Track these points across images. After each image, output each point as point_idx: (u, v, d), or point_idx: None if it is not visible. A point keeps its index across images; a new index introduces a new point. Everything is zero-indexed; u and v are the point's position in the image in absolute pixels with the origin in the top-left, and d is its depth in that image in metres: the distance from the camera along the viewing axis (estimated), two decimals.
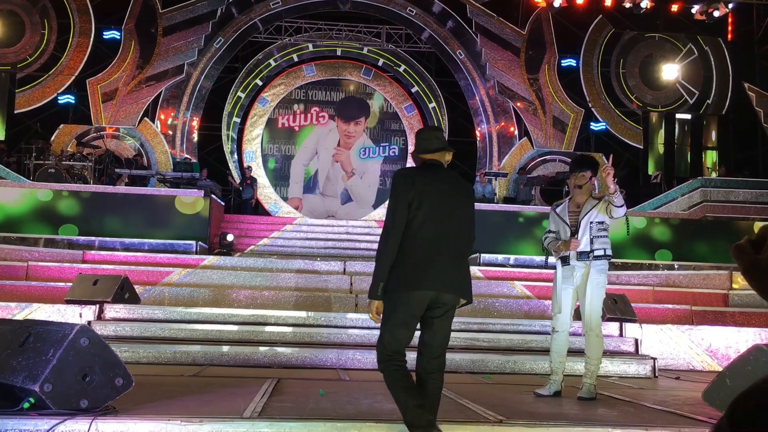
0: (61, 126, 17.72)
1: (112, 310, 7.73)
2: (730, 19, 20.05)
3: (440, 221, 3.47)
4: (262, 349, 7.06)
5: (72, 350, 3.59)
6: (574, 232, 5.26)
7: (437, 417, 3.47)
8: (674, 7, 19.14)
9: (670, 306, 9.79)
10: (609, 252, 5.24)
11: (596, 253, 5.20)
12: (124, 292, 8.04)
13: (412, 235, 3.44)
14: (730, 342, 8.02)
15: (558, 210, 5.48)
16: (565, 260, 5.31)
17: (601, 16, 19.74)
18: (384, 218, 3.58)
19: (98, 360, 3.68)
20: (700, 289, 10.73)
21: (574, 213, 5.35)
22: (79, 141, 16.71)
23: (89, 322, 7.39)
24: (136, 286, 8.63)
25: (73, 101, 18.11)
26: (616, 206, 5.09)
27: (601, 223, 5.23)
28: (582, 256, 5.21)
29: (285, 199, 20.37)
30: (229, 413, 3.80)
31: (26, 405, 3.48)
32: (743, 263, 1.15)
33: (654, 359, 7.25)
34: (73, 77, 17.95)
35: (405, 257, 3.43)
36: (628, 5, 18.19)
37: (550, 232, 5.48)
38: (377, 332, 3.60)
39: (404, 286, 3.39)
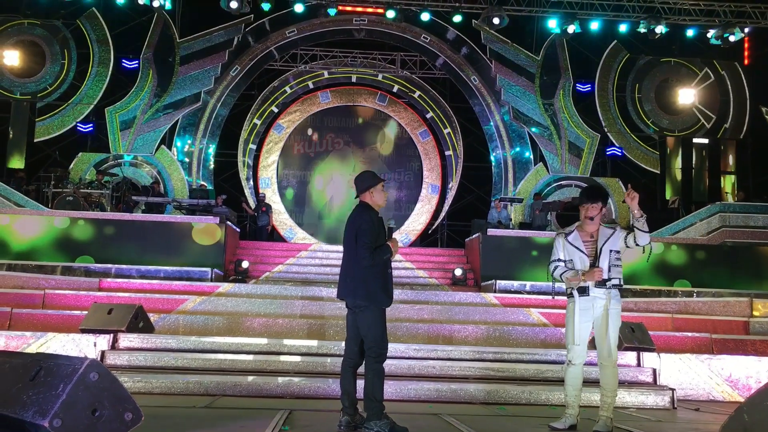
0: (80, 154, 17.95)
1: (126, 340, 7.75)
2: (746, 43, 19.98)
3: (344, 251, 5.15)
4: (275, 379, 7.02)
5: (82, 385, 3.59)
6: (593, 262, 5.16)
7: None
8: (690, 32, 19.09)
9: (689, 334, 9.65)
10: (622, 281, 5.18)
11: (614, 281, 5.14)
12: (139, 320, 8.06)
13: None
14: (750, 372, 7.88)
15: (570, 239, 5.30)
16: (583, 290, 5.16)
17: (615, 41, 19.75)
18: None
19: (107, 395, 3.67)
20: (720, 316, 10.57)
21: (589, 242, 5.24)
22: (98, 169, 16.90)
23: (103, 352, 7.41)
24: (151, 314, 8.65)
25: (91, 130, 18.33)
26: (642, 231, 5.08)
27: (618, 251, 5.18)
28: (599, 284, 5.13)
29: (300, 225, 20.41)
30: None
31: None
32: None
33: (673, 390, 7.13)
34: (92, 106, 18.20)
35: None
36: (642, 30, 18.15)
37: (559, 260, 5.31)
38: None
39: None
